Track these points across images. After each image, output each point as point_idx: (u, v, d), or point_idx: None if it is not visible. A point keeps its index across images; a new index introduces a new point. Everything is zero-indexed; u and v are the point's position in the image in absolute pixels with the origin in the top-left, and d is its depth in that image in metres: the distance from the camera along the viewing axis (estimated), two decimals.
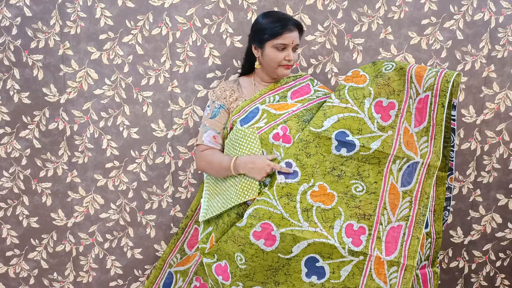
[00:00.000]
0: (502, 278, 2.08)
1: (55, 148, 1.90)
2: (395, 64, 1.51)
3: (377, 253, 1.39)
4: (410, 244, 1.40)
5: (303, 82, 1.67)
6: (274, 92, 1.62)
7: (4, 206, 1.93)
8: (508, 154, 1.97)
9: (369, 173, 1.46)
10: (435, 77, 1.42)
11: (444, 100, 1.41)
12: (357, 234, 1.41)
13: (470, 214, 2.01)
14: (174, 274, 1.83)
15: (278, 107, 1.57)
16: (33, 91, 1.86)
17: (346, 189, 1.45)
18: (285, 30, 1.52)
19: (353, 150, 1.46)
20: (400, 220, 1.42)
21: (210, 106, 1.66)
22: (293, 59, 1.56)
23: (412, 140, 1.46)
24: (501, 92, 1.93)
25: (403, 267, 1.38)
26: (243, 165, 1.47)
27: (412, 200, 1.43)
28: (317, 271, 1.42)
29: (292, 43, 1.54)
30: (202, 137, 1.63)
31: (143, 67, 1.87)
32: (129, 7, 1.82)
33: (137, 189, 1.94)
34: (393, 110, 1.49)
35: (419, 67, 1.47)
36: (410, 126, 1.47)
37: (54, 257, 1.98)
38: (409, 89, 1.48)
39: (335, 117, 1.49)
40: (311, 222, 1.42)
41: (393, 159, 1.45)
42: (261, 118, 1.54)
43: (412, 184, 1.43)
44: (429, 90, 1.43)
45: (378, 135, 1.47)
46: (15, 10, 1.80)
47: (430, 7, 1.86)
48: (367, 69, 1.57)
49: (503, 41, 1.89)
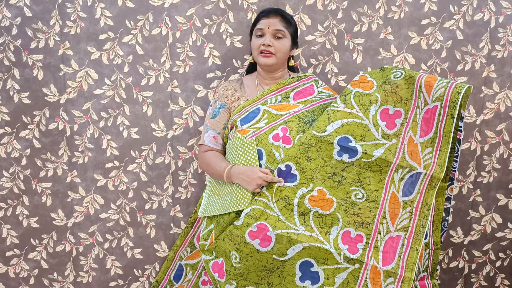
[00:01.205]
0: (502, 278, 2.08)
1: (55, 148, 1.90)
2: (405, 72, 1.49)
3: (373, 262, 1.38)
4: (409, 255, 1.38)
5: (308, 82, 1.66)
6: (277, 92, 1.62)
7: (4, 206, 1.93)
8: (508, 154, 1.97)
9: (370, 181, 1.44)
10: (446, 87, 1.39)
11: (454, 112, 1.38)
12: (354, 242, 1.40)
13: (470, 214, 2.01)
14: (184, 267, 1.85)
15: (279, 107, 1.57)
16: (33, 91, 1.86)
17: (346, 195, 1.44)
18: (261, 16, 1.58)
19: (355, 156, 1.44)
20: (400, 231, 1.41)
21: (212, 106, 1.67)
22: (270, 44, 1.56)
23: (416, 150, 1.44)
24: (501, 92, 1.93)
25: (400, 278, 1.37)
26: (236, 176, 1.48)
27: (412, 210, 1.41)
28: (311, 275, 1.42)
29: (268, 27, 1.55)
30: (204, 137, 1.64)
31: (143, 67, 1.87)
32: (129, 7, 1.82)
33: (137, 189, 1.94)
34: (399, 119, 1.47)
35: (429, 77, 1.44)
36: (416, 136, 1.45)
37: (54, 257, 1.98)
38: (417, 98, 1.45)
39: (339, 122, 1.47)
40: (307, 227, 1.41)
41: (396, 168, 1.43)
42: (261, 118, 1.54)
43: (413, 195, 1.42)
44: (438, 100, 1.41)
45: (381, 143, 1.45)
46: (15, 10, 1.80)
47: (430, 7, 1.86)
48: (375, 75, 1.55)
49: (503, 41, 1.89)
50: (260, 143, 1.49)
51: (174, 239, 1.98)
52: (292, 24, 1.60)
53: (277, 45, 1.56)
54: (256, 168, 1.46)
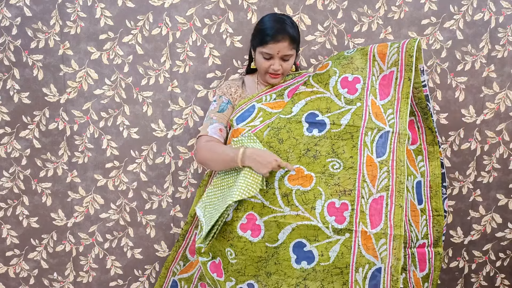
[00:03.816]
0: (502, 278, 2.08)
1: (55, 148, 1.90)
2: (356, 48, 1.59)
3: (362, 227, 1.39)
4: (395, 213, 1.40)
5: (302, 79, 1.66)
6: (272, 90, 1.63)
7: (4, 206, 1.93)
8: (508, 154, 1.97)
9: (344, 149, 1.46)
10: (398, 53, 1.49)
11: (410, 74, 1.49)
12: (340, 211, 1.41)
13: (470, 214, 2.01)
14: (178, 282, 1.81)
15: (274, 105, 1.58)
16: (33, 91, 1.86)
17: (323, 168, 1.45)
18: (271, 40, 1.49)
19: (325, 129, 1.48)
20: (381, 191, 1.43)
21: (217, 101, 1.64)
22: (279, 69, 1.54)
23: (379, 111, 1.50)
24: (501, 92, 1.93)
25: (391, 237, 1.38)
26: (250, 156, 1.42)
27: (389, 169, 1.44)
28: (306, 256, 1.43)
29: (278, 53, 1.51)
30: (208, 128, 1.58)
31: (143, 67, 1.87)
32: (129, 7, 1.82)
33: (137, 189, 1.94)
34: (358, 84, 1.53)
35: (380, 45, 1.54)
36: (376, 98, 1.52)
37: (54, 257, 1.98)
38: (371, 67, 1.54)
39: (303, 101, 1.52)
40: (292, 206, 1.42)
41: (365, 131, 1.47)
42: (256, 116, 1.55)
43: (386, 154, 1.46)
44: (394, 66, 1.51)
45: (346, 109, 1.49)
46: (15, 10, 1.80)
47: (430, 7, 1.86)
48: (329, 58, 1.64)
49: (503, 41, 1.89)
50: None
51: (174, 239, 1.98)
52: (297, 40, 1.55)
53: (285, 66, 1.56)
54: (270, 152, 1.44)
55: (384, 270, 1.38)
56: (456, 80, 1.91)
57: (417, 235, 1.58)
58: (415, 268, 1.60)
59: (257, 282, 1.47)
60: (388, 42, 1.55)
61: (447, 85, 1.91)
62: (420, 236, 1.58)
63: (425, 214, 1.59)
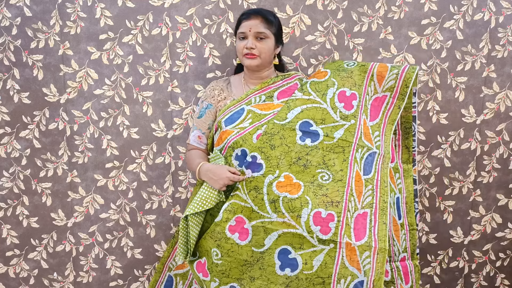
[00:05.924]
0: (502, 278, 2.08)
1: (55, 148, 1.90)
2: (357, 62, 1.61)
3: (346, 239, 1.39)
4: (379, 229, 1.42)
5: (292, 81, 1.66)
6: (261, 92, 1.63)
7: (4, 206, 1.93)
8: (508, 154, 1.97)
9: (334, 162, 1.47)
10: (396, 80, 1.54)
11: (401, 103, 1.55)
12: (326, 222, 1.41)
13: (470, 214, 2.01)
14: (174, 278, 1.82)
15: (263, 107, 1.58)
16: (33, 91, 1.86)
17: (313, 178, 1.46)
18: (243, 18, 1.57)
19: (318, 139, 1.49)
20: (365, 207, 1.44)
21: (199, 105, 1.71)
22: (253, 47, 1.55)
23: (368, 132, 1.53)
24: (501, 92, 1.93)
25: (375, 250, 1.39)
26: (205, 173, 1.52)
27: (373, 188, 1.47)
28: (290, 263, 1.43)
29: (250, 30, 1.55)
30: (190, 136, 1.69)
31: (143, 67, 1.87)
32: (129, 7, 1.82)
33: (137, 189, 1.94)
34: (355, 101, 1.54)
35: (381, 66, 1.56)
36: (367, 119, 1.55)
37: (54, 257, 1.98)
38: (367, 86, 1.56)
39: (299, 108, 1.52)
40: (278, 213, 1.43)
41: (356, 147, 1.49)
42: (245, 118, 1.56)
43: (372, 173, 1.48)
44: (388, 91, 1.56)
45: (341, 124, 1.51)
46: (15, 10, 1.80)
47: (430, 7, 1.86)
48: (327, 66, 1.64)
49: (503, 41, 1.89)
50: (245, 143, 1.50)
51: None
52: (274, 24, 1.58)
53: (260, 47, 1.56)
54: (225, 167, 1.49)
55: (366, 284, 1.38)
56: (456, 80, 1.91)
57: (399, 249, 1.60)
58: (401, 281, 1.61)
59: (240, 285, 1.48)
60: (389, 65, 1.57)
61: (447, 85, 1.91)
62: (401, 250, 1.61)
63: (404, 228, 1.62)
